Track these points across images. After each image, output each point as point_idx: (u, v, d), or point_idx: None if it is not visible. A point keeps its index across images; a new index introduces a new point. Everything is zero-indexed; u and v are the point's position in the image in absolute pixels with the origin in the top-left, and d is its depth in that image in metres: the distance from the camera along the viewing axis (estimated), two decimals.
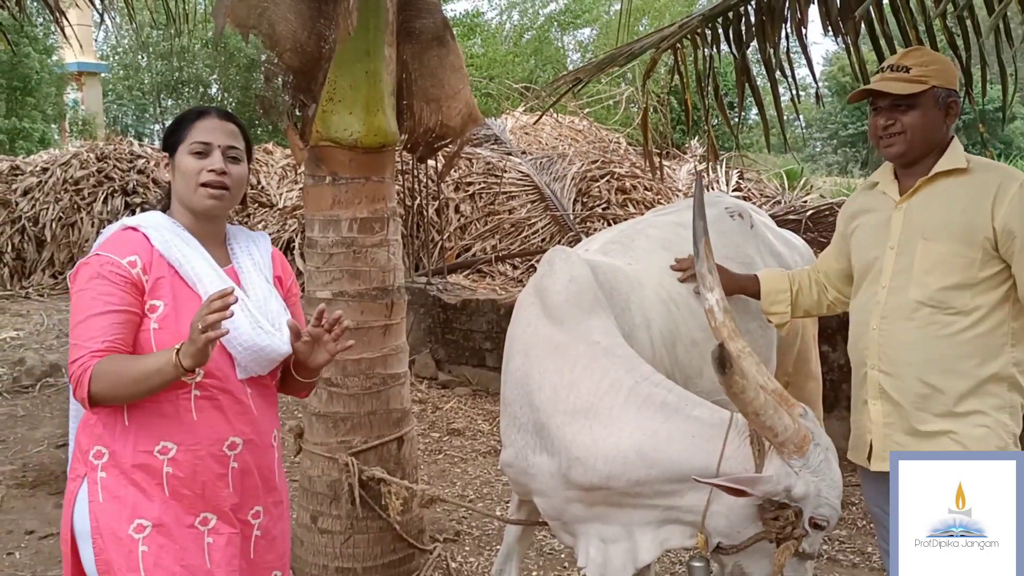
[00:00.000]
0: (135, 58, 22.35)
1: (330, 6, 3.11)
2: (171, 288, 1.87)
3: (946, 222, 2.24)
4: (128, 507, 1.84)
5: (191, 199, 1.94)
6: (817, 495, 1.98)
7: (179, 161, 1.94)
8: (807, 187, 10.09)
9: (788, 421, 1.96)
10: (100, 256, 1.85)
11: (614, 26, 20.54)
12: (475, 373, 6.57)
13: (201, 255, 1.92)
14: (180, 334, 1.79)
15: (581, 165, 9.01)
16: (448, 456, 5.17)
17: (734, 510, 2.02)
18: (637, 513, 2.16)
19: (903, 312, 2.28)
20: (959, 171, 2.27)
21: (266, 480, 2.00)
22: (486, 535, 4.05)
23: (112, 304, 1.81)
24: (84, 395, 1.77)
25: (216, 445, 1.89)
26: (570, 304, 2.29)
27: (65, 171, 10.53)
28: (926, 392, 2.26)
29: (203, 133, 1.93)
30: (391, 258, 3.25)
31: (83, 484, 1.87)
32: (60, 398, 6.11)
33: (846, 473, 3.83)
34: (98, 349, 1.77)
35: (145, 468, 1.85)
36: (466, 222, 8.56)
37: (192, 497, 1.87)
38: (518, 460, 2.34)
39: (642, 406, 2.12)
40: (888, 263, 2.32)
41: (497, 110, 13.08)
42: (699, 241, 2.28)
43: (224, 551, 1.89)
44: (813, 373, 3.25)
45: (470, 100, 3.44)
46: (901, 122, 2.28)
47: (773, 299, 2.65)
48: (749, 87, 3.74)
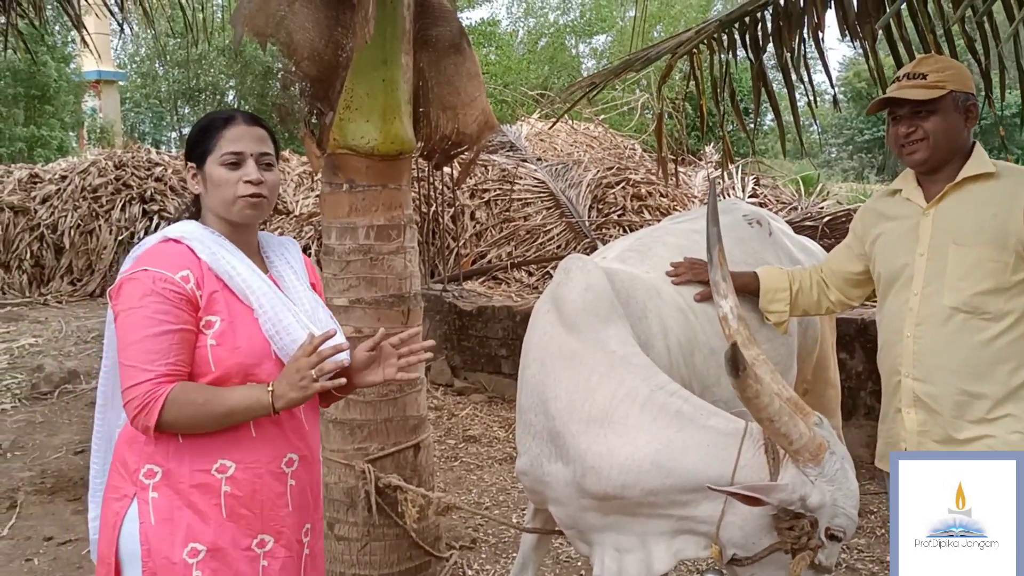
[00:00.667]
0: (152, 66, 22.54)
1: (347, 15, 3.12)
2: (225, 302, 1.81)
3: (978, 227, 2.23)
4: (182, 530, 1.77)
5: (228, 211, 1.88)
6: (833, 504, 1.97)
7: (211, 173, 1.87)
8: (823, 193, 10.03)
9: (803, 428, 1.95)
10: (150, 272, 1.77)
11: (629, 32, 20.57)
12: (491, 380, 6.57)
13: (247, 266, 1.87)
14: (237, 349, 1.78)
15: (596, 172, 9.00)
16: (464, 463, 5.17)
17: (749, 520, 2.01)
18: (652, 523, 2.15)
19: (938, 318, 2.26)
20: (987, 176, 2.26)
21: (315, 496, 1.98)
22: (502, 542, 4.05)
23: (169, 323, 1.74)
24: (151, 423, 1.71)
25: (275, 462, 1.85)
26: (586, 312, 2.28)
27: (83, 179, 10.63)
28: (963, 399, 2.24)
29: (233, 142, 1.86)
30: (407, 265, 3.25)
31: (132, 504, 1.79)
32: (78, 404, 6.15)
33: (864, 481, 3.81)
34: (162, 374, 1.72)
35: (202, 488, 1.79)
36: (481, 229, 8.57)
37: (250, 518, 1.82)
38: (533, 468, 2.33)
39: (658, 415, 2.11)
40: (919, 270, 2.30)
41: (512, 117, 13.10)
42: (712, 248, 2.28)
43: (278, 575, 1.85)
44: (832, 381, 3.23)
45: (486, 107, 3.45)
46: (923, 128, 2.27)
47: (772, 297, 2.64)
48: (766, 92, 3.73)
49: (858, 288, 2.60)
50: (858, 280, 2.57)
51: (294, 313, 1.86)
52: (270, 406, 1.76)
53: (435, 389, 6.46)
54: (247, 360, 1.80)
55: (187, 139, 1.93)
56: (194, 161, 1.90)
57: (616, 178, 8.97)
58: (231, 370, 1.79)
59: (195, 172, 1.91)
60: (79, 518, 4.25)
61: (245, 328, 1.80)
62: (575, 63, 21.62)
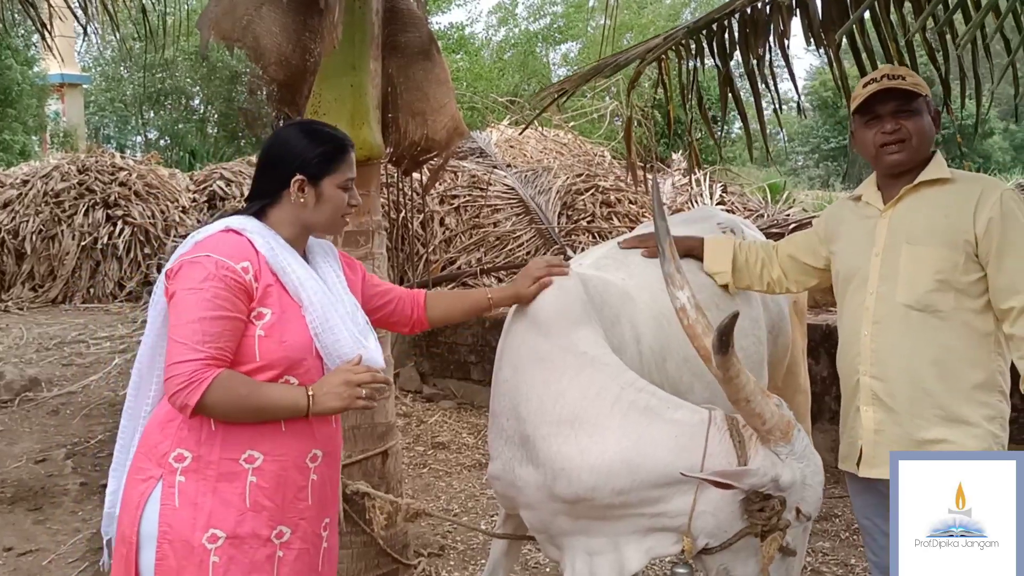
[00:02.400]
0: (117, 69, 22.27)
1: (315, 20, 3.11)
2: (278, 297, 1.90)
3: (930, 227, 2.29)
4: (205, 515, 1.83)
5: (331, 226, 2.04)
6: (803, 482, 2.00)
7: (328, 192, 1.99)
8: (790, 200, 10.14)
9: (773, 408, 1.99)
10: (212, 258, 1.84)
11: (598, 40, 20.68)
12: (460, 386, 6.55)
13: (301, 263, 1.97)
14: (283, 343, 1.87)
15: (566, 178, 9.03)
16: (433, 470, 5.15)
17: (722, 507, 2.02)
18: (622, 524, 2.15)
19: (893, 317, 2.31)
20: (943, 180, 2.32)
21: (334, 491, 2.06)
22: (471, 549, 4.03)
23: (225, 310, 1.81)
24: (192, 402, 1.77)
25: (301, 456, 1.92)
26: (558, 315, 2.29)
27: (46, 183, 10.45)
28: (918, 395, 2.28)
29: (349, 169, 2.02)
30: (376, 271, 3.24)
31: (157, 487, 1.85)
32: (39, 412, 6.04)
33: (829, 485, 3.85)
34: (211, 356, 1.78)
35: (229, 476, 1.85)
36: (451, 235, 8.55)
37: (272, 509, 1.88)
38: (505, 472, 2.33)
39: (627, 413, 2.12)
40: (874, 269, 2.36)
41: (482, 123, 13.10)
42: (663, 241, 2.30)
43: (292, 566, 1.91)
44: (802, 386, 3.27)
45: (455, 114, 3.45)
46: (906, 127, 2.33)
47: (712, 262, 2.71)
48: (733, 99, 3.76)
49: (803, 275, 2.66)
50: (804, 267, 2.64)
51: (340, 314, 1.96)
52: (306, 409, 1.85)
53: (404, 395, 6.43)
54: (292, 354, 1.88)
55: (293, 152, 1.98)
56: (307, 176, 1.97)
57: (586, 185, 9.00)
58: (275, 362, 1.87)
59: (303, 185, 1.97)
60: (40, 528, 4.18)
61: (293, 323, 1.89)
62: (545, 70, 21.69)
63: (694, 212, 3.84)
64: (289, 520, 1.90)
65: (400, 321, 2.31)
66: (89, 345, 7.77)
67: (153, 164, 11.46)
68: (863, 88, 2.38)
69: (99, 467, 4.90)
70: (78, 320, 8.89)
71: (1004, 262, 2.21)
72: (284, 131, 2.06)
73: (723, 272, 2.70)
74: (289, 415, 1.86)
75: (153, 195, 10.65)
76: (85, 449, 5.19)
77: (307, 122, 2.18)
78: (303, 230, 2.02)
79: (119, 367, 6.99)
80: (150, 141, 22.60)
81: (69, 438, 5.42)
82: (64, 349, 7.68)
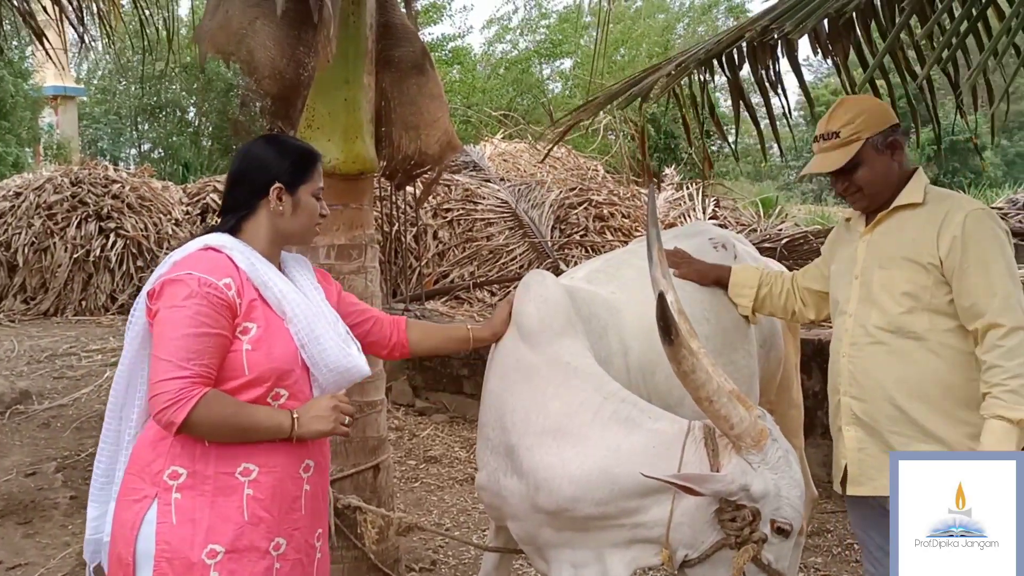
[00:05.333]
0: (112, 82, 22.27)
1: (309, 34, 3.12)
2: (261, 311, 1.92)
3: (899, 251, 2.32)
4: (203, 531, 1.83)
5: (305, 235, 2.08)
6: (777, 494, 1.98)
7: (304, 200, 2.03)
8: (782, 215, 10.19)
9: (743, 413, 1.98)
10: (194, 276, 1.85)
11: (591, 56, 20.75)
12: (452, 400, 6.54)
13: (281, 277, 1.99)
14: (272, 355, 1.89)
15: (559, 192, 9.06)
16: (425, 484, 5.14)
17: (695, 517, 2.02)
18: (605, 535, 2.15)
19: (867, 339, 2.35)
20: (915, 204, 2.34)
21: (325, 502, 2.08)
22: (463, 564, 4.02)
23: (209, 326, 1.83)
24: (179, 420, 1.77)
25: (294, 467, 1.95)
26: (542, 326, 2.32)
27: (38, 196, 10.42)
28: (895, 414, 2.30)
29: (320, 179, 2.08)
30: (368, 285, 3.24)
31: (152, 505, 1.85)
32: (30, 426, 6.01)
33: (821, 500, 3.86)
34: (197, 374, 1.80)
35: (226, 490, 1.86)
36: (444, 248, 8.56)
37: (269, 520, 1.89)
38: (491, 483, 2.35)
39: (608, 423, 2.13)
40: (854, 292, 2.41)
41: (476, 137, 13.14)
42: (652, 247, 2.33)
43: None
44: (795, 401, 3.28)
45: (449, 128, 3.46)
46: (853, 182, 2.38)
47: (738, 292, 2.76)
48: (745, 106, 3.79)
49: (822, 303, 2.69)
50: (822, 295, 2.68)
51: (323, 324, 1.99)
52: (290, 431, 1.88)
53: (396, 409, 6.41)
54: (280, 366, 1.91)
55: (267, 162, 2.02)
56: (284, 184, 2.01)
57: (579, 199, 9.04)
58: (264, 375, 1.89)
59: (281, 193, 2.01)
60: (29, 542, 4.15)
61: (278, 336, 1.92)
62: (539, 84, 21.77)
63: (687, 227, 3.86)
64: (285, 531, 1.92)
65: (379, 342, 2.31)
66: (81, 358, 7.74)
67: (147, 176, 11.44)
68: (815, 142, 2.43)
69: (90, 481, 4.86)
70: (70, 333, 8.86)
71: (965, 283, 2.21)
72: (252, 146, 2.09)
73: (745, 305, 2.75)
74: (273, 436, 1.88)
75: (146, 208, 10.63)
76: (76, 463, 5.16)
77: (273, 136, 2.22)
78: (278, 241, 2.04)
79: (111, 380, 6.94)
80: (144, 153, 22.57)
81: (60, 451, 5.39)
82: (55, 362, 7.64)
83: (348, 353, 2.00)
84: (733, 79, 3.72)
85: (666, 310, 1.94)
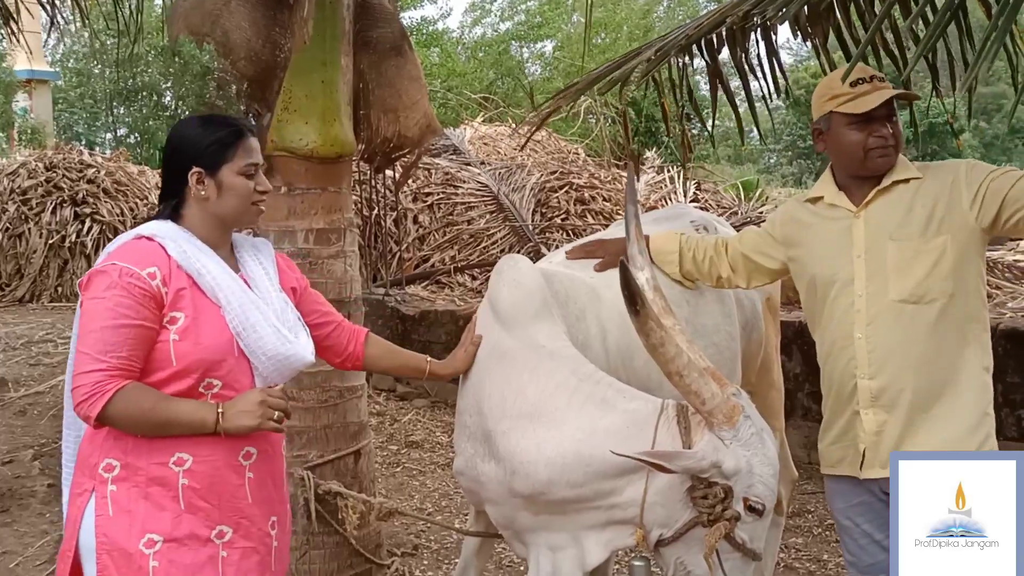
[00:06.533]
0: (87, 65, 21.97)
1: (285, 15, 3.08)
2: (191, 299, 1.86)
3: (910, 221, 2.28)
4: (139, 521, 1.81)
5: (241, 217, 1.99)
6: (750, 472, 1.97)
7: (228, 181, 1.94)
8: (763, 198, 10.21)
9: (715, 389, 1.97)
10: (117, 266, 1.81)
11: (572, 39, 20.69)
12: (433, 385, 6.52)
13: (218, 264, 1.92)
14: (199, 345, 1.84)
15: (540, 176, 9.03)
16: (406, 469, 5.13)
17: (669, 496, 2.02)
18: (581, 517, 2.15)
19: (888, 315, 2.28)
20: (914, 179, 2.32)
21: (278, 489, 2.02)
22: (444, 548, 4.02)
23: (128, 318, 1.78)
24: (94, 414, 1.75)
25: (232, 456, 1.89)
26: (516, 309, 2.31)
27: (12, 181, 10.29)
28: (921, 389, 2.26)
29: (250, 154, 1.97)
30: (348, 269, 3.22)
31: (91, 499, 1.83)
32: (6, 413, 5.95)
33: (801, 481, 3.89)
34: (114, 367, 1.76)
35: (160, 480, 1.82)
36: (424, 233, 8.52)
37: (209, 509, 1.85)
38: (468, 468, 2.35)
39: (583, 405, 2.13)
40: (859, 271, 2.32)
41: (456, 120, 13.08)
42: (630, 223, 2.33)
43: (239, 565, 1.88)
44: (776, 383, 3.27)
45: (428, 110, 3.43)
46: (894, 134, 2.33)
47: (661, 259, 2.68)
48: (722, 88, 3.77)
49: (756, 274, 2.62)
50: (758, 267, 2.60)
51: (262, 312, 1.93)
52: (214, 426, 1.82)
53: (377, 394, 6.40)
54: (208, 356, 1.85)
55: (186, 145, 1.95)
56: (203, 167, 1.93)
57: (559, 182, 9.01)
58: (192, 365, 1.84)
59: (201, 177, 1.93)
60: (7, 530, 4.11)
61: (209, 325, 1.86)
62: (519, 67, 21.67)
63: (667, 210, 3.85)
64: (229, 519, 1.88)
65: (334, 348, 2.25)
66: (57, 345, 7.65)
67: (122, 161, 11.32)
68: (852, 88, 2.32)
69: None
70: (46, 319, 8.77)
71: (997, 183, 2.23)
72: (179, 125, 2.03)
73: (673, 271, 2.67)
74: (196, 431, 1.82)
75: (122, 192, 10.52)
76: (53, 450, 5.10)
77: (200, 116, 2.11)
78: (218, 225, 1.97)
79: None
80: (120, 138, 22.31)
81: (36, 439, 5.34)
82: (31, 349, 7.56)
83: (288, 341, 1.95)
84: (712, 64, 3.70)
85: (629, 280, 1.93)
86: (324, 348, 2.21)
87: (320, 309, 2.22)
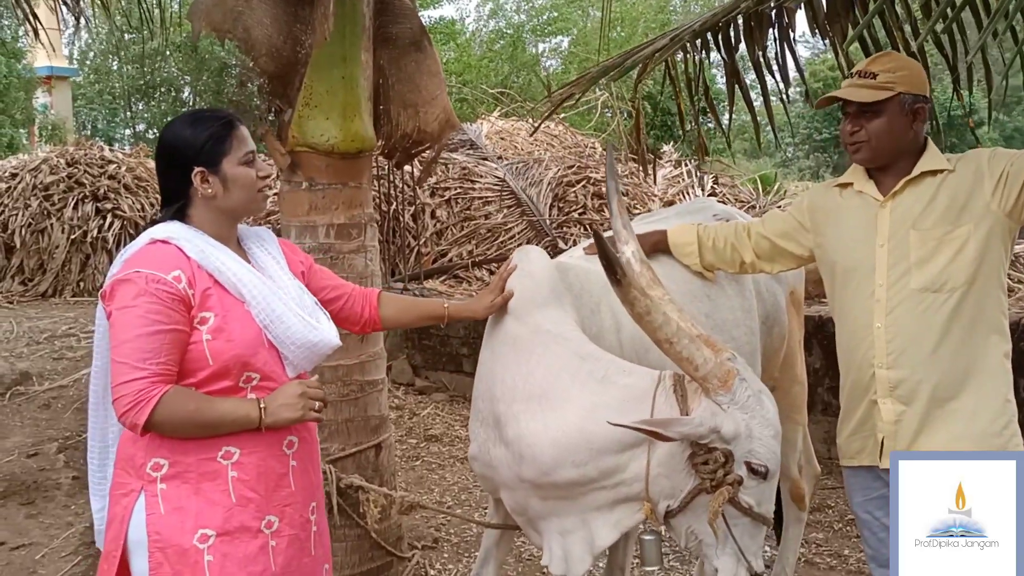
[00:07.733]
0: (106, 61, 22.12)
1: (306, 11, 3.09)
2: (218, 298, 1.88)
3: (935, 211, 2.28)
4: (191, 517, 1.83)
5: (249, 206, 1.99)
6: (749, 435, 1.98)
7: (232, 173, 1.93)
8: (781, 192, 10.16)
9: (708, 353, 1.98)
10: (142, 273, 1.82)
11: (588, 34, 20.62)
12: (452, 379, 6.55)
13: (235, 260, 1.94)
14: (232, 342, 1.86)
15: (557, 170, 9.01)
16: (426, 462, 5.15)
17: (671, 466, 2.03)
18: (588, 499, 2.17)
19: (909, 304, 2.28)
20: (943, 170, 2.31)
21: (316, 474, 2.06)
22: (465, 541, 4.04)
23: (161, 323, 1.80)
24: (141, 421, 1.76)
25: (277, 445, 1.93)
26: (527, 298, 2.35)
27: (34, 176, 10.37)
28: (940, 380, 2.26)
29: (244, 144, 1.96)
30: (368, 264, 3.23)
31: (140, 498, 1.85)
32: (31, 407, 6.01)
33: (822, 476, 3.87)
34: (155, 373, 1.78)
35: (210, 475, 1.85)
36: (442, 227, 8.53)
37: (258, 500, 1.89)
38: (481, 454, 2.39)
39: (585, 383, 2.15)
40: (881, 260, 2.33)
41: (472, 115, 13.07)
42: (612, 199, 2.34)
43: (286, 553, 1.92)
44: (799, 378, 3.27)
45: (447, 105, 3.44)
46: (866, 129, 2.32)
47: (681, 252, 2.70)
48: (739, 87, 3.76)
49: (781, 259, 2.62)
50: (783, 252, 2.60)
51: (284, 301, 1.95)
52: (258, 421, 1.85)
53: (396, 388, 6.42)
54: (243, 351, 1.88)
55: (182, 146, 1.94)
56: (204, 166, 1.92)
57: (577, 176, 8.99)
58: (229, 362, 1.86)
59: (205, 176, 1.93)
60: (32, 522, 4.16)
61: (238, 321, 1.88)
62: (534, 61, 21.62)
63: (690, 204, 3.84)
64: (275, 509, 1.91)
65: (350, 318, 2.27)
66: (80, 339, 7.72)
67: (142, 157, 11.38)
68: (843, 80, 2.38)
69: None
70: (68, 314, 8.84)
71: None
72: (168, 128, 2.01)
73: (694, 263, 2.68)
74: (241, 428, 1.85)
75: (142, 188, 10.58)
76: (77, 443, 5.16)
77: (188, 112, 2.11)
78: (225, 221, 1.98)
79: None
80: (139, 134, 22.45)
81: (61, 432, 5.39)
82: (55, 343, 7.63)
83: (313, 327, 1.97)
84: (729, 60, 3.70)
85: (605, 248, 1.94)
86: (340, 320, 2.23)
87: (329, 284, 2.24)
